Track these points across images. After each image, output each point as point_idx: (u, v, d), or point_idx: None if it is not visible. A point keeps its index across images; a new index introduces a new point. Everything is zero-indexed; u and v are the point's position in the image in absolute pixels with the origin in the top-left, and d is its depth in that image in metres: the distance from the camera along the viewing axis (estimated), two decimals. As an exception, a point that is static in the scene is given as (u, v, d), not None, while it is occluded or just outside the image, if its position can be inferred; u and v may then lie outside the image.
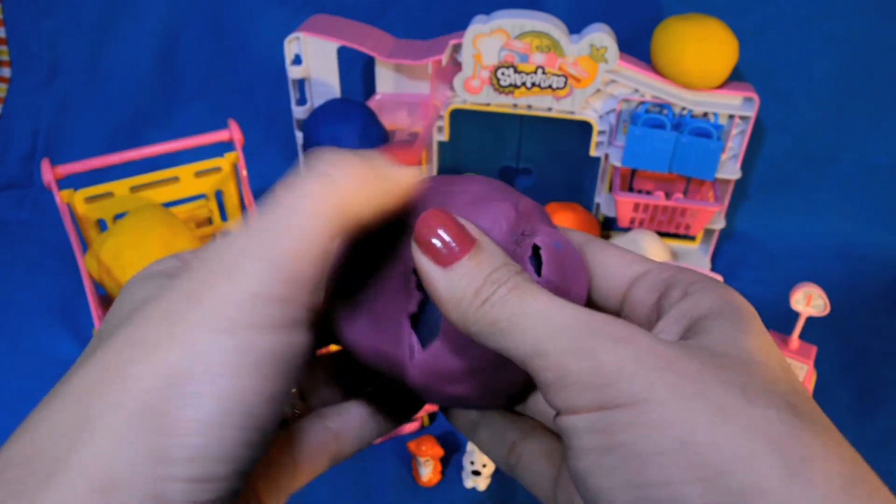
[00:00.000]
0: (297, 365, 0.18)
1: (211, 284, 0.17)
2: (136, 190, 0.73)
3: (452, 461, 0.62)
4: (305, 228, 0.18)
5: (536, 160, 0.97)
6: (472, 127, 0.91)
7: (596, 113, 0.80)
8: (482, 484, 0.60)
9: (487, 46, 0.76)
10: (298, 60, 0.81)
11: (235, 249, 0.18)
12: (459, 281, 0.19)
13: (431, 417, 0.66)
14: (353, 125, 0.73)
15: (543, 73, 0.77)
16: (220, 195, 0.80)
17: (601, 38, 0.74)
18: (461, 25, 0.77)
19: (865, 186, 0.91)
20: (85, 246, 0.73)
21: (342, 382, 0.26)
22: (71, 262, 0.81)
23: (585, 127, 0.82)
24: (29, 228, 0.93)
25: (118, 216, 0.73)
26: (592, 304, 0.24)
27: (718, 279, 0.24)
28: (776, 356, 0.18)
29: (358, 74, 0.94)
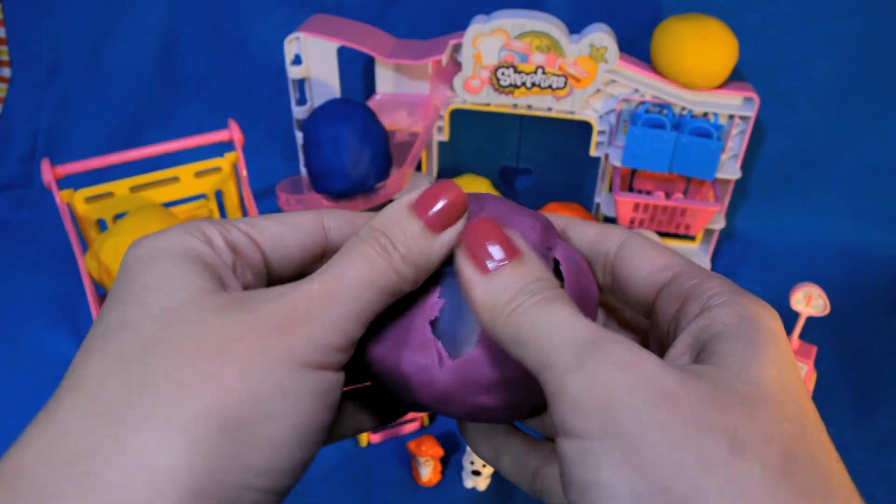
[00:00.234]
0: (338, 397, 0.21)
1: (295, 323, 0.19)
2: (136, 190, 0.73)
3: (452, 461, 0.62)
4: (361, 299, 0.20)
5: (536, 160, 0.96)
6: (472, 127, 0.91)
7: (596, 113, 0.80)
8: (482, 484, 0.60)
9: (487, 46, 0.76)
10: (298, 60, 0.81)
11: (314, 299, 0.20)
12: (495, 288, 0.19)
13: (431, 417, 0.66)
14: (353, 125, 0.73)
15: (543, 73, 0.77)
16: (220, 195, 0.80)
17: (601, 38, 0.74)
18: (461, 25, 0.77)
19: (865, 186, 0.91)
20: (85, 246, 0.73)
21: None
22: (71, 262, 0.81)
23: (585, 127, 0.82)
24: (29, 228, 0.92)
25: (118, 216, 0.73)
26: (626, 313, 0.25)
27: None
28: (793, 385, 0.18)
29: (358, 74, 0.94)
